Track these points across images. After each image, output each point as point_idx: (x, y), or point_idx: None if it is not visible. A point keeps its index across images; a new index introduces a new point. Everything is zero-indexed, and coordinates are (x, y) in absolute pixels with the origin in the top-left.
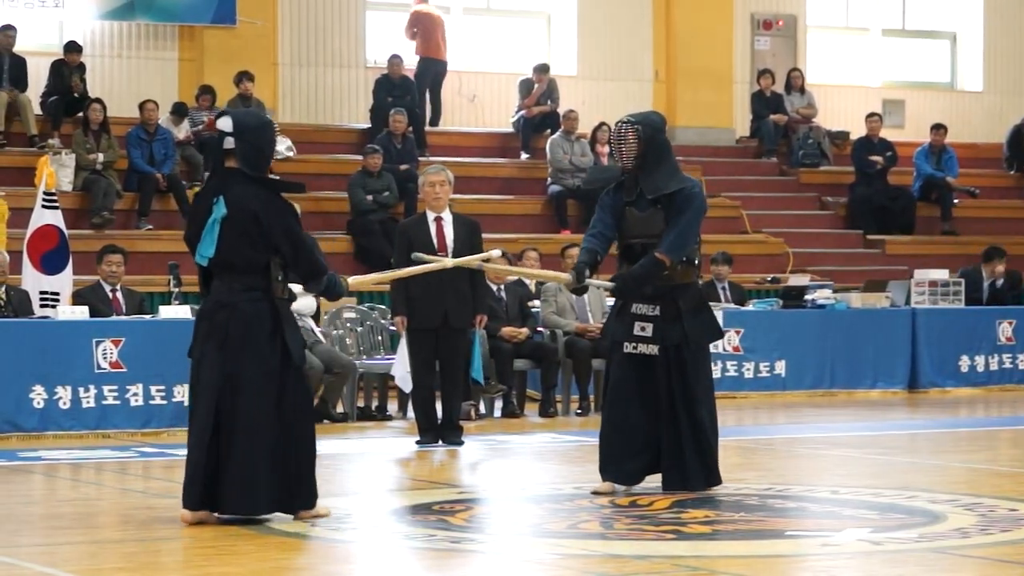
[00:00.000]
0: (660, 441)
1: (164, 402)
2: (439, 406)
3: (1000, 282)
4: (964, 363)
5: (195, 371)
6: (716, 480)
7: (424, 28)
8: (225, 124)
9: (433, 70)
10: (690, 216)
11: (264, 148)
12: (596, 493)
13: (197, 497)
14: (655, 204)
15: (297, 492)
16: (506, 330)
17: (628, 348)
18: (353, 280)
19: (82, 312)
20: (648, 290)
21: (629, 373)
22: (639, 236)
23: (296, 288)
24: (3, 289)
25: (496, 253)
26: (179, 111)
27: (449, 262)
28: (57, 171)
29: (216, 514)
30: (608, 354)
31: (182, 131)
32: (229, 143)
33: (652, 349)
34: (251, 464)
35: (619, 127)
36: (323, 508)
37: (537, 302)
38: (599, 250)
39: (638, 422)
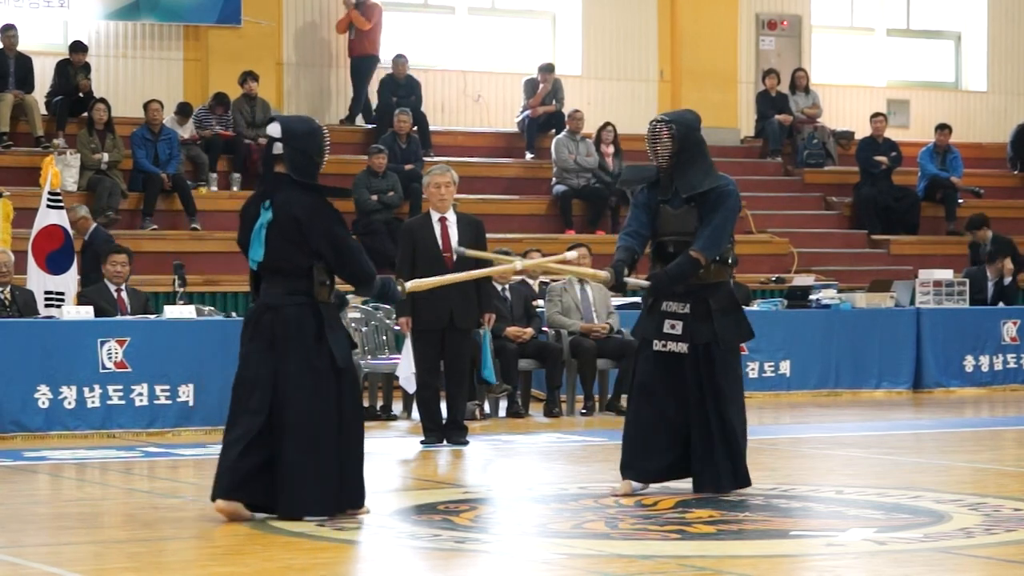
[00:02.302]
0: (687, 441)
1: (169, 402)
2: (444, 406)
3: (1008, 280)
4: (969, 363)
5: (241, 368)
6: (745, 482)
7: (375, 20)
8: (274, 130)
9: (374, 66)
10: (724, 214)
11: (312, 154)
12: (615, 493)
13: (228, 485)
14: (689, 202)
15: (346, 493)
16: (510, 330)
17: (658, 346)
18: (411, 284)
19: (87, 312)
20: (679, 288)
21: (657, 371)
22: (672, 234)
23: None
24: (8, 289)
25: (572, 255)
26: (183, 111)
27: (519, 264)
28: (62, 171)
29: (251, 511)
30: (636, 351)
31: (186, 131)
32: (278, 148)
33: (682, 347)
34: (302, 466)
35: (653, 125)
36: (366, 507)
37: (542, 302)
38: (636, 248)
39: (662, 420)
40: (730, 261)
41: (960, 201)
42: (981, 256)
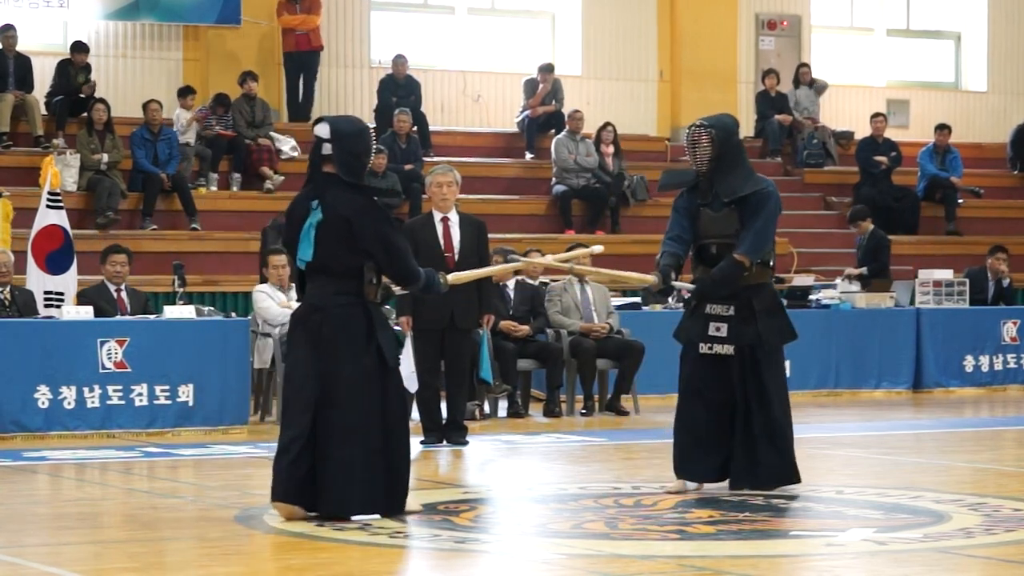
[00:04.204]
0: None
1: (169, 402)
2: (444, 406)
3: (1007, 282)
4: (969, 363)
5: (289, 368)
6: (794, 479)
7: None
8: (323, 131)
9: (317, 62)
10: (766, 217)
11: (361, 154)
12: (668, 492)
13: (285, 489)
14: (729, 205)
15: (395, 492)
16: (504, 324)
17: (704, 348)
18: (452, 277)
19: (87, 312)
20: (723, 291)
21: (702, 372)
22: (714, 237)
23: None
24: (8, 289)
25: (598, 248)
26: (187, 92)
27: (550, 259)
28: (62, 171)
29: (308, 512)
30: (682, 354)
31: (191, 113)
32: (326, 149)
33: (728, 349)
34: (349, 464)
35: (692, 130)
36: (416, 504)
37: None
38: (680, 253)
39: (709, 421)
40: (771, 263)
41: (960, 201)
42: (859, 248)
